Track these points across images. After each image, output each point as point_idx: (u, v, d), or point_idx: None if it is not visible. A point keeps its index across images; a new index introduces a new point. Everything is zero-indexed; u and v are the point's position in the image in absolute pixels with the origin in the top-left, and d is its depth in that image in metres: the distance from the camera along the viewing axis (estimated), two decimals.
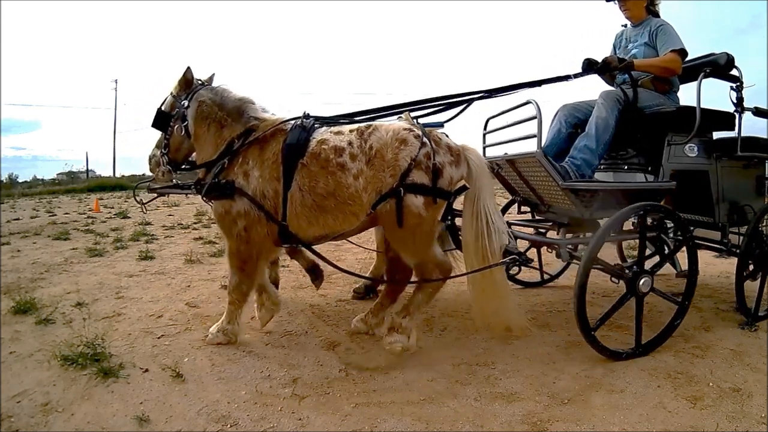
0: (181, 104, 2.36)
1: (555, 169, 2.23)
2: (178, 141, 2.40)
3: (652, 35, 2.51)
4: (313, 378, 2.07)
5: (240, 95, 2.38)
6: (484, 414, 1.79)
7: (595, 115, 2.37)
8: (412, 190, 2.04)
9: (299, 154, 2.12)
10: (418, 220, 2.08)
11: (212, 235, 5.81)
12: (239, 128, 2.27)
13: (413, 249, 2.17)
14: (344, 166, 2.08)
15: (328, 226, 2.16)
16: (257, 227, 2.18)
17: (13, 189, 19.64)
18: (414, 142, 2.08)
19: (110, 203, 12.03)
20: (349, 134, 2.16)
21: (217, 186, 2.19)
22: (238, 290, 2.32)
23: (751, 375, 2.07)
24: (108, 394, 1.92)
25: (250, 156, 2.20)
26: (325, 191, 2.09)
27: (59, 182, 24.04)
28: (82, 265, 4.25)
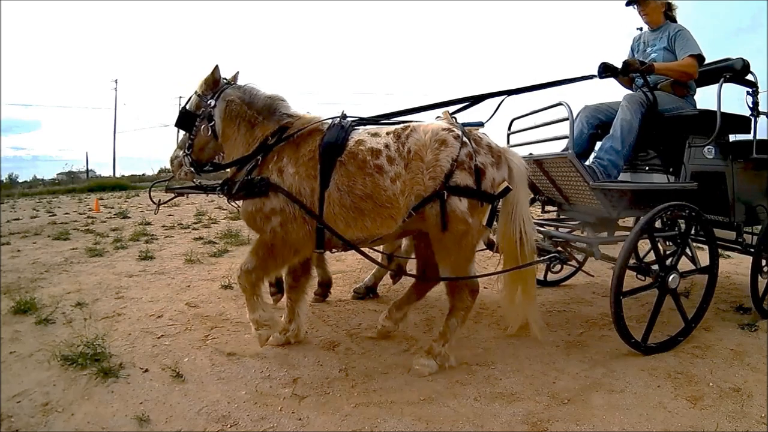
0: (207, 104, 2.29)
1: (586, 170, 2.30)
2: (203, 141, 2.33)
3: (671, 40, 2.58)
4: (313, 378, 2.07)
5: (270, 93, 2.32)
6: (484, 414, 1.79)
7: (620, 117, 2.43)
8: (456, 193, 1.99)
9: (337, 152, 2.07)
10: (464, 227, 2.01)
11: (212, 235, 5.81)
12: (272, 126, 2.21)
13: (455, 260, 2.09)
14: (381, 168, 2.03)
15: (365, 228, 2.09)
16: (293, 225, 2.10)
17: (13, 189, 19.65)
18: (454, 142, 2.03)
19: (110, 203, 12.03)
20: (386, 136, 2.12)
21: (250, 183, 2.12)
22: (246, 276, 2.21)
23: (751, 375, 2.07)
24: (108, 394, 1.93)
25: (285, 153, 2.14)
26: (363, 192, 2.03)
27: (59, 182, 24.03)
28: (82, 265, 4.25)
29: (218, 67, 2.34)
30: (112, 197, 14.69)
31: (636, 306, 3.04)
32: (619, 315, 2.15)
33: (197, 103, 2.34)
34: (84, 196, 15.93)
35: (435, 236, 2.07)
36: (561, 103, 2.34)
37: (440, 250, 2.09)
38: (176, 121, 2.38)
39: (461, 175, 1.99)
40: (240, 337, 2.52)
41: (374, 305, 3.07)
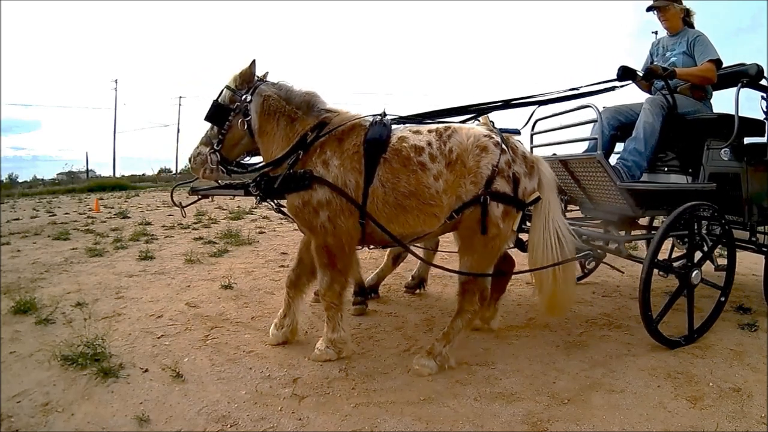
0: (242, 98, 2.25)
1: (613, 170, 2.39)
2: (237, 136, 2.28)
3: (690, 45, 2.69)
4: (313, 378, 2.07)
5: (305, 89, 2.31)
6: (484, 414, 1.79)
7: (642, 119, 2.52)
8: (495, 199, 2.05)
9: (382, 149, 2.09)
10: (496, 231, 2.07)
11: (212, 235, 5.81)
12: (311, 121, 2.20)
13: (478, 260, 2.13)
14: (425, 165, 2.06)
15: (409, 225, 2.11)
16: (342, 217, 2.09)
17: (13, 189, 19.64)
18: (494, 149, 2.08)
19: (110, 203, 12.03)
20: (428, 134, 2.14)
21: (293, 176, 2.10)
22: (331, 291, 2.18)
23: (751, 375, 2.07)
24: (108, 394, 1.93)
25: (328, 147, 2.14)
26: (407, 189, 2.05)
27: (59, 182, 24.02)
28: (82, 265, 4.25)
29: (255, 61, 2.30)
30: (112, 197, 14.70)
31: (636, 306, 3.03)
32: (647, 310, 2.22)
33: (231, 98, 2.28)
34: (84, 196, 15.93)
35: (467, 237, 2.14)
36: (589, 105, 2.45)
37: (467, 248, 2.16)
38: (207, 115, 2.29)
39: (500, 182, 2.07)
40: (240, 337, 2.52)
41: (374, 305, 3.07)
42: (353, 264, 2.26)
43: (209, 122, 2.30)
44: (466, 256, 2.15)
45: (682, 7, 2.79)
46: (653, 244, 2.23)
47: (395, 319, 2.82)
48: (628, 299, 3.18)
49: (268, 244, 5.30)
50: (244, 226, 6.64)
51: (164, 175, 28.99)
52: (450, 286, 3.47)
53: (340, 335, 2.23)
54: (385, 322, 2.78)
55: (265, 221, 7.36)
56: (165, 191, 17.21)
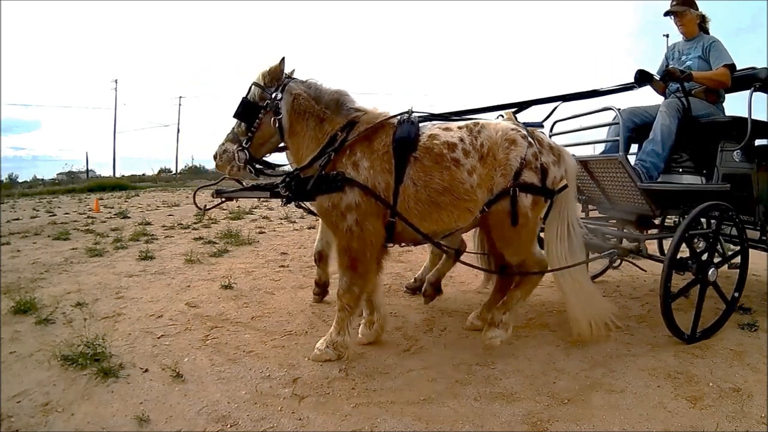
0: (272, 96, 2.22)
1: (635, 171, 2.49)
2: (266, 134, 2.25)
3: (706, 50, 2.79)
4: (313, 378, 2.07)
5: (335, 88, 2.29)
6: (484, 414, 1.79)
7: (660, 122, 2.61)
8: (524, 190, 2.12)
9: (411, 148, 2.10)
10: (525, 220, 2.14)
11: (212, 235, 5.81)
12: (340, 121, 2.19)
13: (517, 248, 2.24)
14: (459, 161, 2.09)
15: (441, 222, 2.15)
16: (370, 220, 2.10)
17: (13, 189, 19.63)
18: (522, 142, 2.15)
19: (110, 203, 12.03)
20: (458, 131, 2.18)
21: (326, 178, 2.10)
22: (349, 293, 2.17)
23: (751, 375, 2.07)
24: (108, 394, 1.93)
25: (358, 148, 2.14)
26: (440, 186, 2.08)
27: (59, 182, 24.01)
28: (82, 265, 4.25)
29: (284, 59, 2.27)
30: (112, 197, 14.70)
31: (636, 306, 3.04)
32: (668, 308, 2.28)
33: (260, 95, 2.25)
34: (84, 196, 15.93)
35: (500, 229, 2.20)
36: (611, 108, 2.59)
37: (503, 240, 2.24)
38: (236, 112, 2.25)
39: (528, 173, 2.13)
40: (240, 337, 2.52)
41: None
42: (375, 268, 2.25)
43: (238, 119, 2.26)
44: (504, 246, 2.25)
45: (698, 13, 2.89)
46: (673, 243, 2.28)
47: (395, 319, 2.81)
48: (628, 299, 3.18)
49: (268, 244, 5.29)
50: (244, 226, 6.64)
51: (164, 175, 28.99)
52: (450, 286, 3.47)
53: (344, 339, 2.22)
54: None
55: (265, 221, 7.36)
56: (165, 191, 17.22)
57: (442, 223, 2.15)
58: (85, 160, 28.39)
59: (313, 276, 3.82)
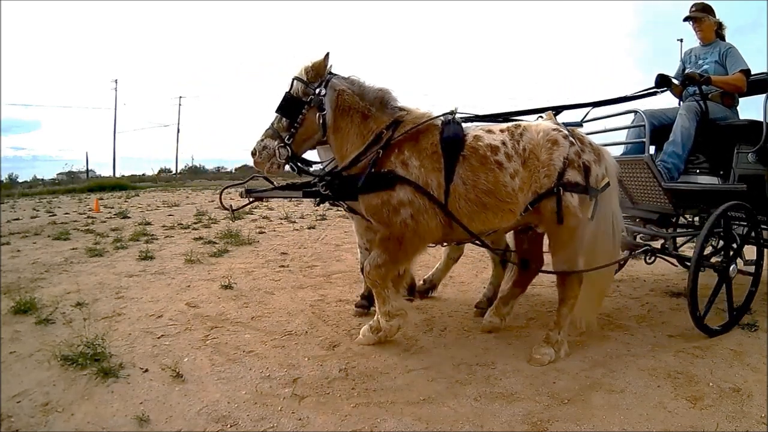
0: (316, 91, 2.18)
1: (660, 172, 2.59)
2: (310, 130, 2.21)
3: (722, 55, 2.90)
4: (313, 378, 2.07)
5: (378, 85, 2.27)
6: (484, 414, 1.79)
7: (679, 124, 2.70)
8: (569, 189, 2.14)
9: (459, 147, 2.13)
10: (576, 221, 2.17)
11: (212, 235, 5.81)
12: (385, 119, 2.19)
13: (569, 253, 2.24)
14: (502, 164, 2.13)
15: (488, 222, 2.18)
16: (425, 216, 2.12)
17: (13, 189, 19.60)
18: (564, 141, 2.18)
19: (110, 203, 12.02)
20: (501, 134, 2.21)
21: (376, 176, 2.10)
22: (376, 270, 2.19)
23: (751, 375, 2.07)
24: (108, 394, 1.93)
25: (406, 147, 2.14)
26: (486, 187, 2.11)
27: (59, 182, 23.98)
28: (82, 265, 4.25)
29: (329, 54, 2.23)
30: (112, 197, 14.69)
31: (636, 306, 3.04)
32: (695, 305, 2.35)
33: (303, 90, 2.20)
34: (84, 196, 15.91)
35: (551, 230, 2.24)
36: (636, 111, 2.73)
37: (556, 243, 2.25)
38: (279, 107, 2.20)
39: (572, 172, 2.16)
40: (240, 337, 2.52)
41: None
42: (410, 262, 2.29)
43: (280, 114, 2.21)
44: (559, 251, 2.26)
45: (715, 20, 3.00)
46: (699, 241, 2.36)
47: None
48: (628, 299, 3.18)
49: (268, 244, 5.30)
50: (244, 226, 6.63)
51: (164, 175, 28.99)
52: (450, 286, 3.47)
53: (393, 305, 2.26)
54: None
55: (265, 221, 7.36)
56: (165, 191, 17.21)
57: (488, 223, 2.20)
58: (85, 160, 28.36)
59: (313, 276, 3.83)
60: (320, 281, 3.68)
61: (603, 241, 2.27)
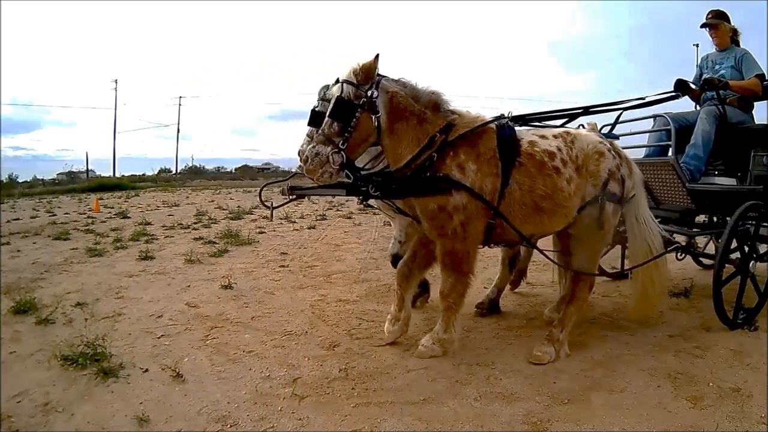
0: (368, 94, 2.11)
1: (684, 173, 2.72)
2: (365, 134, 2.14)
3: (738, 61, 3.02)
4: (313, 378, 2.07)
5: (430, 88, 2.25)
6: (484, 414, 1.79)
7: (700, 128, 2.81)
8: (609, 199, 2.27)
9: (516, 153, 2.17)
10: (608, 227, 2.31)
11: (212, 235, 5.81)
12: (440, 122, 2.18)
13: (592, 255, 2.38)
14: (559, 170, 2.19)
15: (542, 225, 2.25)
16: (475, 222, 2.14)
17: (13, 189, 19.57)
18: (608, 154, 2.31)
19: (110, 203, 12.01)
20: (554, 140, 2.27)
21: (433, 180, 2.11)
22: (455, 293, 2.22)
23: (751, 375, 2.07)
24: (108, 394, 1.93)
25: (461, 150, 2.15)
26: (543, 192, 2.16)
27: (59, 182, 23.95)
28: (82, 265, 4.25)
29: (379, 56, 2.16)
30: (112, 197, 14.68)
31: None
32: (719, 301, 2.46)
33: (355, 93, 2.11)
34: (84, 196, 15.90)
35: (582, 235, 2.33)
36: (662, 115, 2.91)
37: (581, 244, 2.36)
38: (331, 111, 2.12)
39: (613, 184, 2.29)
40: (240, 337, 2.52)
41: (374, 305, 3.07)
42: (475, 267, 2.30)
43: (333, 119, 2.12)
44: (581, 252, 2.36)
45: (731, 27, 3.12)
46: (724, 240, 2.47)
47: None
48: (628, 299, 3.17)
49: (268, 244, 5.30)
50: (244, 226, 6.64)
51: (164, 175, 28.97)
52: None
53: (450, 336, 2.27)
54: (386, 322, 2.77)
55: (265, 221, 7.35)
56: (165, 191, 17.20)
57: (541, 227, 2.26)
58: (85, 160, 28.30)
59: (313, 276, 3.83)
60: (320, 281, 3.68)
61: (641, 244, 2.39)
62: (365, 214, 7.56)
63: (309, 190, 2.35)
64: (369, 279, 3.72)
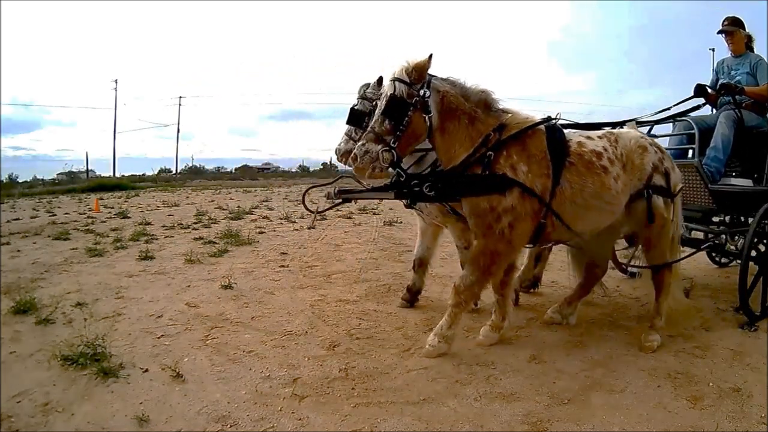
0: (420, 93, 2.12)
1: (707, 175, 2.84)
2: (417, 133, 2.15)
3: (753, 67, 3.14)
4: (313, 378, 2.07)
5: (479, 87, 2.25)
6: (484, 414, 1.79)
7: (720, 132, 2.92)
8: (656, 192, 2.34)
9: (565, 153, 2.21)
10: (663, 221, 2.37)
11: (212, 235, 5.80)
12: (491, 122, 2.19)
13: (659, 250, 2.44)
14: (606, 169, 2.25)
15: (591, 222, 2.31)
16: (522, 223, 2.15)
17: (13, 189, 19.57)
18: (651, 149, 2.39)
19: (110, 203, 12.01)
20: (599, 140, 2.34)
21: (489, 179, 2.11)
22: (469, 291, 2.23)
23: (751, 375, 2.08)
24: (108, 394, 1.93)
25: (513, 150, 2.16)
26: (593, 190, 2.21)
27: (59, 182, 23.94)
28: (82, 265, 4.25)
29: (432, 56, 2.15)
30: (112, 197, 14.68)
31: (636, 306, 3.05)
32: (743, 289, 2.57)
33: (407, 92, 2.11)
34: (84, 196, 15.90)
35: (641, 230, 2.44)
36: (687, 119, 3.03)
37: (648, 241, 2.45)
38: (384, 108, 2.11)
39: (658, 176, 2.36)
40: (240, 337, 2.52)
41: (374, 305, 3.07)
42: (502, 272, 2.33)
43: (385, 117, 2.11)
44: (651, 248, 2.45)
45: (746, 33, 3.23)
46: (749, 238, 2.59)
47: (395, 319, 2.82)
48: (628, 299, 3.18)
49: (268, 244, 5.29)
50: (244, 226, 6.63)
51: (164, 175, 28.96)
52: (450, 285, 3.46)
53: (453, 333, 2.30)
54: (385, 322, 2.78)
55: (265, 221, 7.36)
56: (165, 191, 17.20)
57: (590, 224, 2.32)
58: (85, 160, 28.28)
59: (313, 276, 3.83)
60: (320, 281, 3.68)
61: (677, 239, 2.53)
62: (365, 214, 7.56)
63: (356, 194, 2.33)
64: (369, 279, 3.72)
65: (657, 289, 2.50)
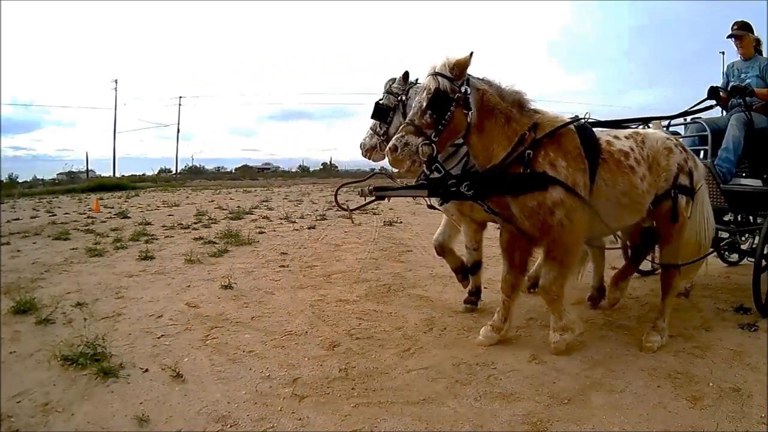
0: (461, 89, 2.12)
1: (720, 175, 2.91)
2: (458, 128, 2.14)
3: (763, 70, 3.20)
4: (313, 378, 2.07)
5: (513, 87, 2.26)
6: (484, 414, 1.79)
7: (731, 133, 2.98)
8: (680, 191, 2.39)
9: (598, 151, 2.26)
10: (683, 219, 2.42)
11: (212, 235, 5.81)
12: (525, 121, 2.21)
13: (674, 248, 2.48)
14: (633, 168, 2.30)
15: (622, 220, 2.38)
16: (578, 213, 2.18)
17: (13, 189, 19.56)
18: (676, 150, 2.44)
19: (110, 203, 12.02)
20: (626, 140, 2.38)
21: (530, 177, 2.14)
22: (556, 285, 2.26)
23: (751, 375, 2.07)
24: (108, 394, 1.93)
25: (550, 149, 2.19)
26: (622, 188, 2.27)
27: (59, 182, 23.95)
28: (82, 265, 4.25)
29: (473, 54, 2.15)
30: (112, 197, 14.68)
31: (636, 306, 3.04)
32: (758, 293, 2.66)
33: (450, 87, 2.11)
34: (84, 196, 15.90)
35: (663, 228, 2.48)
36: (698, 121, 3.12)
37: (665, 238, 2.50)
38: (429, 103, 2.09)
39: (683, 177, 2.42)
40: (240, 337, 2.52)
41: (374, 305, 3.07)
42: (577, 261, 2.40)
43: (430, 110, 2.09)
44: (667, 245, 2.50)
45: (755, 37, 3.29)
46: (762, 236, 2.68)
47: (395, 319, 2.82)
48: (627, 299, 3.17)
49: (268, 244, 5.29)
50: (244, 226, 6.63)
51: (164, 175, 28.96)
52: (450, 286, 3.47)
53: (569, 318, 2.34)
54: (385, 322, 2.78)
55: (265, 221, 7.36)
56: (165, 191, 17.20)
57: (621, 221, 2.40)
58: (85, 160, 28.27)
59: (313, 276, 3.83)
60: (320, 281, 3.68)
61: (693, 238, 2.54)
62: (365, 214, 7.57)
63: (391, 191, 2.31)
64: (369, 279, 3.72)
65: (663, 290, 2.52)
